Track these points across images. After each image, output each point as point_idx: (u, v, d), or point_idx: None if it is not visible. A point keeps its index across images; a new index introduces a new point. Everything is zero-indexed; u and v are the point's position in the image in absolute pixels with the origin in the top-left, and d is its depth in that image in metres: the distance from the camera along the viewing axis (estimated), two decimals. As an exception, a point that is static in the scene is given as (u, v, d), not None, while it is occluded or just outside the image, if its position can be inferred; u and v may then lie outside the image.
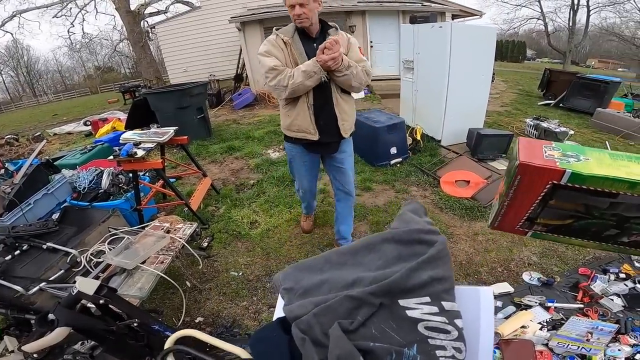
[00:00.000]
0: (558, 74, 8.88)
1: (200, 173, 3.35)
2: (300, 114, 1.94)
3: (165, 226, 2.03)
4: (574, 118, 6.78)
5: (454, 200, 3.16)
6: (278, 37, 1.90)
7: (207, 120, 5.44)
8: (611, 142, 4.59)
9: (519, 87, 11.21)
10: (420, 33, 4.45)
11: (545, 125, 4.96)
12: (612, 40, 27.23)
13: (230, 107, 7.95)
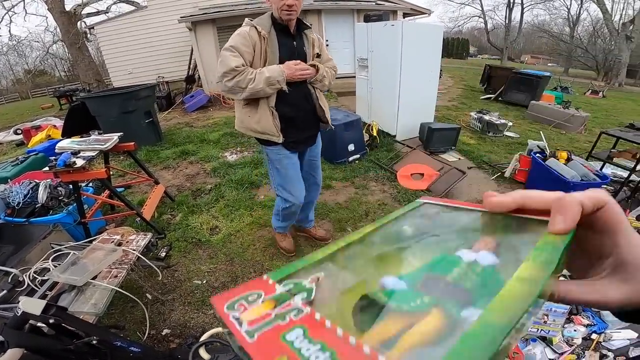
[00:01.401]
0: (497, 70, 9.57)
1: (151, 181, 3.14)
2: (262, 118, 1.82)
3: (116, 238, 1.90)
4: (512, 110, 7.38)
5: (411, 193, 3.28)
6: (253, 29, 1.72)
7: (156, 125, 5.14)
8: (545, 132, 5.06)
9: (464, 83, 11.95)
10: (373, 31, 4.55)
11: (487, 118, 5.34)
12: (542, 36, 29.98)
13: (182, 110, 7.60)
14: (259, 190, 3.45)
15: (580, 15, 25.58)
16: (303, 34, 1.86)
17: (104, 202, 2.76)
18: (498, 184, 3.65)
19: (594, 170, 3.27)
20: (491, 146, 4.84)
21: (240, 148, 4.66)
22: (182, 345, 1.82)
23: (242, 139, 4.96)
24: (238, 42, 1.71)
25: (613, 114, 8.24)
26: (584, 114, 6.14)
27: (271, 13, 1.78)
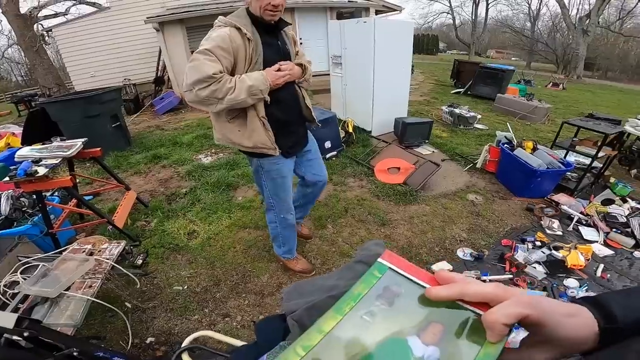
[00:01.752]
0: (465, 65, 9.91)
1: (122, 187, 3.02)
2: (255, 131, 1.64)
3: (87, 248, 1.83)
4: (480, 103, 7.67)
5: (389, 187, 3.35)
6: (235, 30, 1.49)
7: (124, 129, 4.94)
8: (511, 123, 5.29)
9: (435, 78, 12.29)
10: (346, 28, 4.57)
11: (458, 111, 5.53)
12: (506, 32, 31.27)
13: (151, 113, 7.35)
14: (237, 192, 3.40)
15: (540, 10, 26.93)
16: (283, 32, 1.71)
17: (71, 211, 2.63)
18: (470, 175, 3.79)
19: (559, 158, 3.46)
20: (462, 138, 5.01)
21: (215, 150, 4.57)
22: (168, 352, 1.81)
23: (217, 140, 4.85)
24: (216, 46, 1.47)
25: (573, 105, 8.73)
26: (546, 106, 6.48)
27: (246, 8, 1.57)
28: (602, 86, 15.69)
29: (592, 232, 2.87)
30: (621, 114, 6.92)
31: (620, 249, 2.69)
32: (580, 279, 2.33)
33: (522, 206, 3.22)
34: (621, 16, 22.39)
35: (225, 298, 2.11)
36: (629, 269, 2.49)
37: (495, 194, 3.43)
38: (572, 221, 2.96)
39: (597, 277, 2.38)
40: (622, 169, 4.40)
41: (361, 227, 2.80)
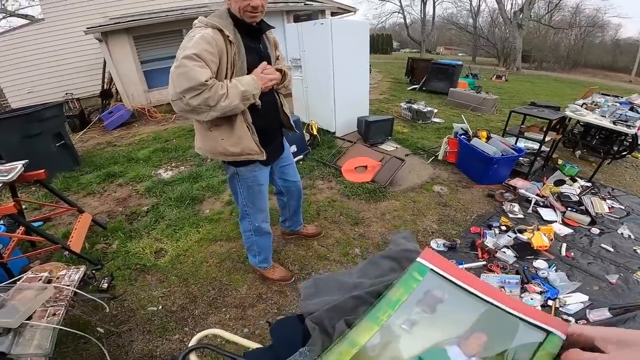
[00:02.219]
0: (418, 62, 10.31)
1: (74, 210, 2.78)
2: (242, 137, 1.58)
3: (44, 276, 1.72)
4: (435, 98, 8.02)
5: (358, 186, 3.37)
6: (218, 32, 1.41)
7: (71, 147, 4.54)
8: (465, 115, 5.59)
9: (392, 76, 12.68)
10: (304, 31, 4.56)
11: (416, 107, 5.74)
12: (452, 28, 33.08)
13: (101, 129, 6.84)
14: (203, 205, 3.25)
15: (480, 6, 28.69)
16: (264, 35, 1.66)
17: (20, 239, 2.38)
18: (434, 167, 3.92)
19: (510, 145, 3.67)
20: (422, 133, 5.19)
21: (175, 163, 4.34)
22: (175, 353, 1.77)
23: (176, 153, 4.63)
24: (203, 50, 1.36)
25: (516, 95, 9.44)
26: (493, 97, 6.92)
27: (227, 9, 1.50)
28: (539, 76, 17.10)
29: (550, 212, 3.06)
30: (558, 100, 7.58)
31: (578, 227, 2.88)
32: (547, 259, 2.45)
33: (483, 193, 3.38)
34: (550, 9, 24.46)
35: (205, 314, 2.03)
36: (589, 246, 2.67)
37: (458, 184, 3.57)
38: (530, 203, 3.14)
39: (562, 256, 2.52)
40: (567, 151, 4.80)
41: (335, 228, 2.79)
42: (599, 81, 16.67)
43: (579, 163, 4.28)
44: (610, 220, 3.04)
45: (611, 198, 3.44)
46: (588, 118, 3.98)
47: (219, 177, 3.73)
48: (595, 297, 2.15)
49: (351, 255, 2.47)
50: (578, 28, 25.88)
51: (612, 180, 3.93)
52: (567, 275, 2.30)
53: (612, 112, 4.01)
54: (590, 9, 25.61)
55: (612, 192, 3.60)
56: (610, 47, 26.78)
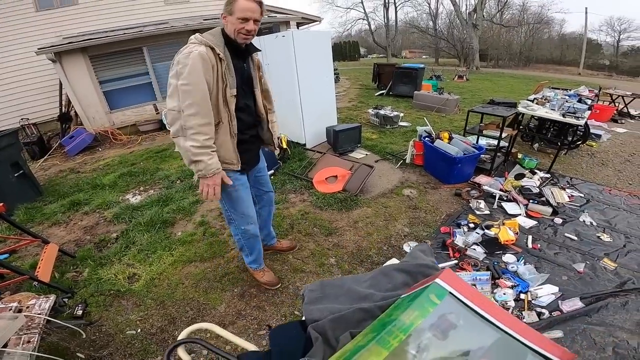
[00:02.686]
0: (384, 67, 10.60)
1: (39, 241, 2.72)
2: (223, 145, 1.71)
3: (14, 306, 1.79)
4: (402, 102, 8.26)
5: (330, 196, 3.41)
6: (210, 50, 1.55)
7: (30, 177, 4.30)
8: (429, 117, 5.80)
9: (360, 83, 12.93)
10: (266, 44, 4.57)
11: (383, 112, 5.89)
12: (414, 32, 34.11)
13: (62, 155, 6.51)
14: (175, 228, 3.19)
15: (438, 9, 29.81)
16: (250, 57, 1.81)
17: None
18: (403, 171, 4.04)
19: (471, 144, 3.85)
20: (391, 137, 5.34)
21: (143, 187, 4.22)
22: None
23: (144, 176, 4.50)
24: (201, 65, 1.51)
25: (477, 94, 9.89)
26: (455, 97, 7.23)
27: (222, 29, 1.66)
28: (497, 74, 17.98)
29: (514, 206, 3.17)
30: (515, 96, 8.02)
31: (542, 218, 2.99)
32: (515, 253, 2.53)
33: (451, 192, 3.52)
34: (499, 8, 25.74)
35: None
36: (554, 236, 2.76)
37: (427, 185, 3.70)
38: (495, 199, 3.26)
39: (529, 248, 2.59)
40: (526, 145, 5.08)
41: (309, 240, 2.81)
42: (550, 75, 17.77)
43: (537, 155, 4.52)
44: (571, 209, 3.15)
45: (570, 187, 3.59)
46: (539, 112, 4.19)
47: (189, 199, 3.67)
48: (565, 287, 2.19)
49: (327, 266, 2.51)
50: (527, 25, 27.37)
51: (570, 170, 4.15)
52: (535, 267, 2.36)
53: (561, 105, 4.24)
54: (536, 6, 27.25)
55: (570, 181, 3.76)
56: (557, 42, 28.49)
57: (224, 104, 1.65)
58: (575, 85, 8.89)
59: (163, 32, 7.40)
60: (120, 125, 7.51)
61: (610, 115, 6.67)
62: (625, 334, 1.87)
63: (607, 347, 1.80)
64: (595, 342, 1.83)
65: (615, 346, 1.80)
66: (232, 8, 1.57)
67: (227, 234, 2.95)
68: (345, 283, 0.73)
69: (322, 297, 0.70)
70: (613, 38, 27.74)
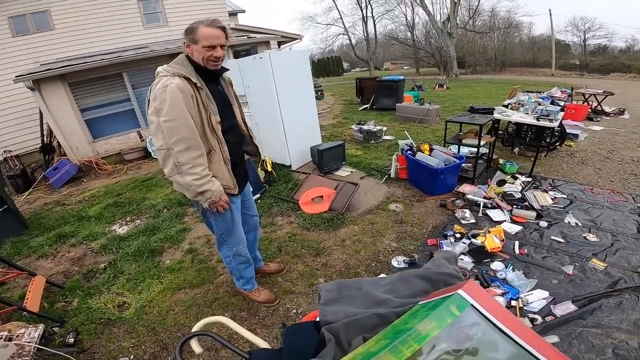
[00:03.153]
0: (366, 81, 10.73)
1: (25, 274, 2.77)
2: (219, 172, 1.74)
3: (4, 335, 1.86)
4: (385, 115, 8.38)
5: (316, 217, 3.44)
6: (185, 81, 1.54)
7: (15, 211, 4.24)
8: (412, 128, 5.92)
9: (344, 98, 13.09)
10: (245, 66, 4.55)
11: (366, 127, 5.97)
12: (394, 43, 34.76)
13: (47, 187, 6.41)
14: (163, 256, 3.20)
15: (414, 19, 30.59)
16: (221, 77, 1.83)
17: None
18: (388, 186, 4.10)
19: (452, 154, 3.93)
20: (375, 152, 5.41)
21: (130, 217, 4.18)
22: None
23: (130, 207, 4.47)
24: (183, 97, 1.50)
25: (458, 101, 10.12)
26: (436, 107, 7.39)
27: (186, 55, 1.62)
28: (475, 80, 18.49)
29: (498, 213, 3.20)
30: (493, 102, 8.26)
31: (527, 223, 3.00)
32: (503, 260, 2.53)
33: (436, 204, 3.58)
34: (471, 15, 26.52)
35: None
36: (541, 240, 2.75)
37: (412, 199, 3.76)
38: (479, 207, 3.30)
39: (517, 254, 2.59)
40: (507, 150, 5.21)
41: (297, 262, 2.83)
42: (526, 78, 18.35)
43: (519, 159, 4.62)
44: (555, 211, 3.16)
45: (553, 189, 3.63)
46: (514, 117, 4.26)
47: (176, 227, 3.66)
48: (555, 290, 2.17)
49: (316, 286, 2.52)
50: (498, 30, 28.23)
51: (551, 172, 4.23)
52: (524, 273, 2.35)
53: (534, 108, 4.31)
54: (504, 11, 28.19)
55: (553, 183, 3.80)
56: (528, 45, 29.39)
57: (211, 132, 1.66)
58: (549, 86, 9.21)
59: (143, 56, 7.34)
60: (105, 154, 7.38)
61: (586, 114, 6.88)
62: (624, 334, 1.83)
63: (606, 349, 1.76)
64: (594, 345, 1.80)
65: (614, 347, 1.76)
66: (195, 37, 1.55)
67: (216, 260, 2.96)
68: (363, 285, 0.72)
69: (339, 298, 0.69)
70: (579, 38, 28.82)
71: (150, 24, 10.00)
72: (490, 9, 27.33)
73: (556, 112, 4.11)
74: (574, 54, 28.34)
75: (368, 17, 29.17)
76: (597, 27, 27.40)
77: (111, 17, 9.44)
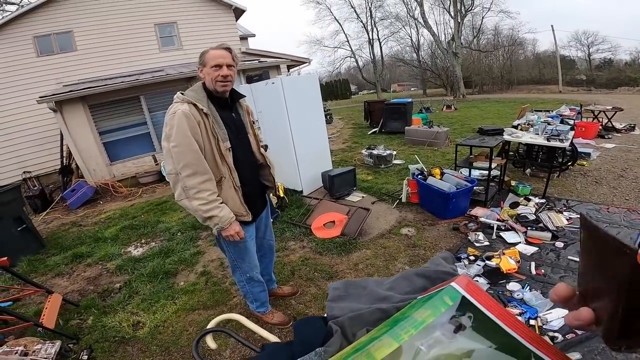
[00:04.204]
0: (374, 104, 10.78)
1: (42, 291, 2.85)
2: (229, 200, 1.75)
3: (19, 349, 1.89)
4: (394, 139, 8.37)
5: (328, 241, 3.46)
6: (192, 106, 1.59)
7: (33, 231, 4.39)
8: (422, 152, 5.93)
9: (353, 122, 13.13)
10: (257, 91, 4.60)
11: (376, 152, 5.98)
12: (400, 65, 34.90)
13: (64, 208, 6.59)
14: (177, 278, 3.26)
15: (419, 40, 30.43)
16: (237, 104, 1.85)
17: None
18: (400, 211, 4.12)
19: (463, 177, 3.94)
20: (386, 177, 5.43)
21: (145, 239, 4.27)
22: None
23: (145, 229, 4.57)
24: (188, 123, 1.55)
25: (467, 123, 10.11)
26: (445, 129, 7.41)
27: (203, 83, 1.70)
28: (483, 100, 18.52)
29: (513, 235, 3.18)
30: (502, 122, 8.24)
31: (542, 244, 2.98)
32: (519, 280, 2.52)
33: (449, 227, 3.57)
34: (475, 34, 26.66)
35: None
36: (557, 260, 2.74)
37: (424, 223, 3.76)
38: (493, 230, 3.28)
39: (534, 275, 2.58)
40: (519, 171, 5.16)
41: (310, 285, 2.85)
42: (534, 96, 18.33)
43: (531, 181, 4.56)
44: (571, 231, 3.13)
45: (568, 209, 3.59)
46: (524, 139, 4.22)
47: (190, 250, 3.72)
48: None
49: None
50: (502, 48, 28.27)
51: (565, 192, 4.18)
52: (542, 292, 2.33)
53: (543, 129, 4.27)
54: (507, 29, 27.96)
55: (567, 204, 3.75)
56: (533, 62, 29.32)
57: (221, 159, 1.68)
58: (557, 104, 9.18)
59: (158, 80, 7.52)
60: (121, 177, 7.51)
61: (597, 132, 6.80)
62: (648, 349, 1.80)
63: (630, 364, 1.73)
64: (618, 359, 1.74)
65: (640, 362, 1.74)
66: (204, 59, 1.64)
67: (230, 282, 2.99)
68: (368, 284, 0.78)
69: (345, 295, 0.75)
70: (584, 52, 28.75)
71: (165, 47, 10.33)
72: (494, 27, 27.57)
73: (566, 132, 4.08)
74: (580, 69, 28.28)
75: (374, 39, 29.57)
76: (600, 41, 27.38)
77: (129, 40, 9.77)
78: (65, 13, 9.11)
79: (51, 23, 8.99)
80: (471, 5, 23.53)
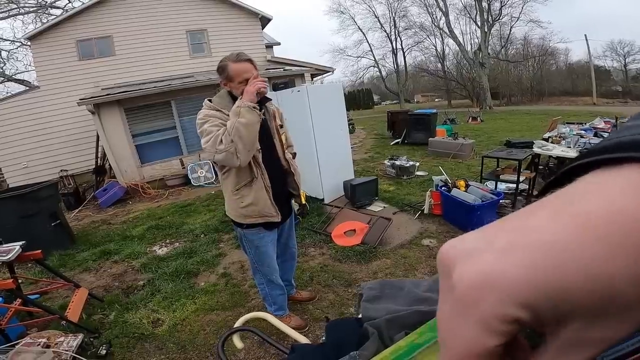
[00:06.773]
0: (397, 115, 10.60)
1: (70, 285, 2.96)
2: (260, 200, 1.81)
3: (42, 341, 1.90)
4: (417, 150, 8.24)
5: (348, 249, 3.46)
6: (217, 112, 1.71)
7: (66, 227, 4.64)
8: (446, 164, 5.80)
9: (375, 132, 13.04)
10: (283, 99, 4.67)
11: (398, 163, 5.92)
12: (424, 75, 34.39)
13: (95, 206, 6.93)
14: (198, 278, 3.34)
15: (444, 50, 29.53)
16: (264, 107, 1.85)
17: (17, 310, 2.55)
18: (421, 222, 4.05)
19: (489, 190, 3.85)
20: (408, 188, 5.36)
21: (169, 240, 4.43)
22: None
23: (170, 230, 4.73)
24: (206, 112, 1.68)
25: (493, 135, 9.85)
26: (469, 141, 7.24)
27: (228, 91, 1.77)
28: (511, 112, 17.97)
29: None
30: (532, 135, 7.98)
31: None
32: None
33: (472, 241, 3.47)
34: (503, 44, 25.96)
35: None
36: None
37: (446, 234, 3.68)
38: None
39: None
40: (549, 186, 4.96)
41: (328, 291, 2.85)
42: (566, 108, 17.60)
43: None
44: None
45: None
46: (555, 152, 4.10)
47: (212, 252, 3.81)
48: None
49: (347, 315, 2.51)
50: (532, 58, 27.32)
51: None
52: None
53: (576, 142, 4.12)
54: (537, 39, 26.84)
55: None
56: (566, 73, 28.32)
57: (253, 159, 1.74)
58: (591, 116, 8.77)
59: (188, 86, 7.82)
60: (149, 179, 7.78)
61: (632, 146, 6.49)
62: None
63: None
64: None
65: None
66: (227, 74, 1.69)
67: (249, 285, 3.04)
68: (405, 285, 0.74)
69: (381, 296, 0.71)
70: (619, 62, 27.44)
71: (195, 54, 10.73)
72: (523, 37, 26.73)
73: (600, 145, 3.95)
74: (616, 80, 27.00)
75: (398, 49, 29.23)
76: (637, 51, 26.13)
77: (163, 46, 10.19)
78: (106, 18, 9.64)
79: (92, 28, 9.53)
80: (499, 14, 23.00)
